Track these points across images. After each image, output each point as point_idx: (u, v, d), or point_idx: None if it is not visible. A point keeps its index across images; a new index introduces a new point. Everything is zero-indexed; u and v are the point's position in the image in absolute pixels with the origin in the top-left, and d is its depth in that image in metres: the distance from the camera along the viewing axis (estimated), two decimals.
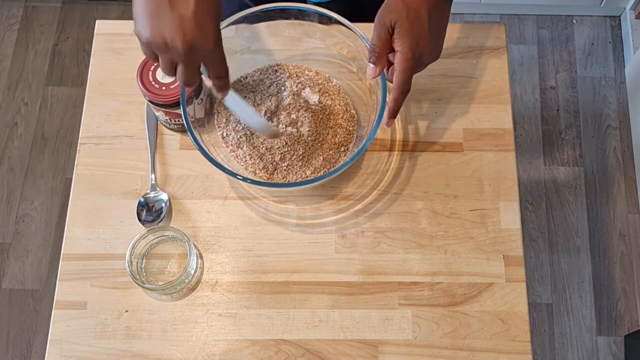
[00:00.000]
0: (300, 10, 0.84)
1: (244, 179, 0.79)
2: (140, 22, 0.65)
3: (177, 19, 0.64)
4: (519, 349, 0.81)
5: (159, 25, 0.64)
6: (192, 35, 0.65)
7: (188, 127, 0.79)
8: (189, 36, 0.64)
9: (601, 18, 2.06)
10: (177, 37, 0.64)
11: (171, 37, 0.64)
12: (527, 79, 1.99)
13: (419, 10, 0.73)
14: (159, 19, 0.64)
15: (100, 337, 0.82)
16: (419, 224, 0.87)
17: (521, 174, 1.87)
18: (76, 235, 0.86)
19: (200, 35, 0.65)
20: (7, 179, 1.88)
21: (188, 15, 0.64)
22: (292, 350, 0.81)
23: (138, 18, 0.65)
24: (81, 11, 2.08)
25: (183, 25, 0.64)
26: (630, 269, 1.78)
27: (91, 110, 0.93)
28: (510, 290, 0.84)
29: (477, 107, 0.93)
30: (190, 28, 0.64)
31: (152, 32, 0.65)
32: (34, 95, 1.98)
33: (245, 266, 0.85)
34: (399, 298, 0.83)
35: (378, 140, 0.91)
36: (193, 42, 0.65)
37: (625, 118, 1.93)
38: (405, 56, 0.75)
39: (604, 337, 1.71)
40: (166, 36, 0.64)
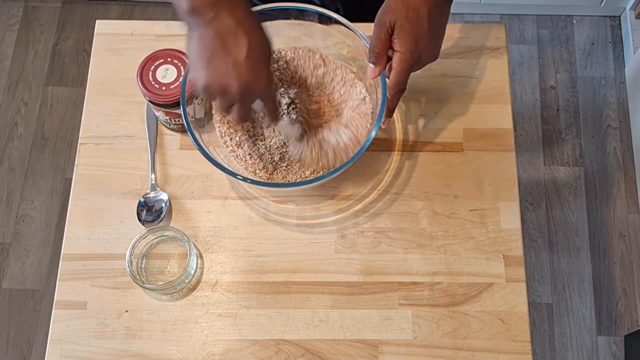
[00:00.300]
0: (300, 10, 0.84)
1: (244, 179, 0.79)
2: (196, 68, 0.68)
3: (231, 65, 0.67)
4: (519, 349, 0.81)
5: (215, 72, 0.67)
6: (246, 80, 0.68)
7: (188, 127, 0.79)
8: (245, 80, 0.68)
9: (601, 18, 2.06)
10: (233, 82, 0.67)
11: (227, 82, 0.68)
12: (527, 79, 1.98)
13: (418, 10, 0.73)
14: (215, 66, 0.67)
15: (100, 337, 0.82)
16: (419, 224, 0.87)
17: (521, 174, 1.87)
18: (76, 235, 0.86)
19: (253, 79, 0.69)
20: (7, 179, 1.88)
21: (242, 61, 0.67)
22: (292, 350, 0.81)
23: (194, 65, 0.69)
24: (81, 11, 2.08)
25: (238, 70, 0.67)
26: (630, 269, 1.78)
27: (91, 110, 0.93)
28: (510, 290, 0.84)
29: (477, 107, 0.93)
30: (243, 73, 0.68)
31: (209, 78, 0.68)
32: (34, 95, 1.97)
33: (245, 266, 0.85)
34: (399, 298, 0.83)
35: (378, 140, 0.91)
36: (247, 86, 0.68)
37: (625, 118, 1.93)
38: (404, 56, 0.75)
39: (604, 337, 1.71)
40: (222, 82, 0.68)
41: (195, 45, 0.68)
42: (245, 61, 0.67)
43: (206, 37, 0.67)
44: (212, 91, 0.69)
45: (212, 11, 0.67)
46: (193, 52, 0.69)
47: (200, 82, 0.69)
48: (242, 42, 0.67)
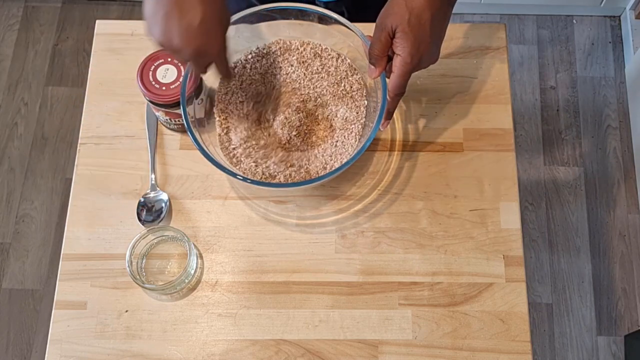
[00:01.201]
0: (300, 10, 0.84)
1: (244, 179, 0.79)
2: (151, 24, 0.69)
3: (185, 28, 0.67)
4: (519, 349, 0.81)
5: (169, 31, 0.68)
6: (199, 44, 0.69)
7: (188, 127, 0.79)
8: (197, 44, 0.69)
9: (601, 18, 2.06)
10: (186, 45, 0.68)
11: (180, 44, 0.68)
12: (527, 79, 1.98)
13: (421, 14, 0.72)
14: (169, 27, 0.68)
15: (100, 337, 0.82)
16: (419, 224, 0.87)
17: (521, 174, 1.87)
18: (76, 235, 0.86)
19: (207, 44, 0.69)
20: (7, 179, 1.88)
21: (195, 25, 0.67)
22: (292, 350, 0.81)
23: (149, 20, 0.69)
24: (81, 11, 2.08)
25: (191, 34, 0.68)
26: (630, 269, 1.78)
27: (91, 110, 0.93)
28: (510, 290, 0.84)
29: (477, 107, 0.93)
30: (197, 37, 0.68)
31: (162, 36, 0.68)
32: (34, 95, 1.97)
33: (245, 266, 0.85)
34: (399, 298, 0.83)
35: (378, 140, 0.91)
36: (200, 49, 0.69)
37: (625, 118, 1.93)
38: (405, 61, 0.74)
39: (604, 337, 1.71)
40: (175, 43, 0.68)
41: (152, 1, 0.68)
42: (200, 26, 0.67)
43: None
44: (165, 49, 0.70)
45: None
46: (148, 7, 0.68)
47: (154, 38, 0.69)
48: (198, 6, 0.67)
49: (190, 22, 0.67)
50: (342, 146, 0.85)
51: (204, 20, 0.68)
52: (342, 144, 0.85)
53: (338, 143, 0.86)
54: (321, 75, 0.88)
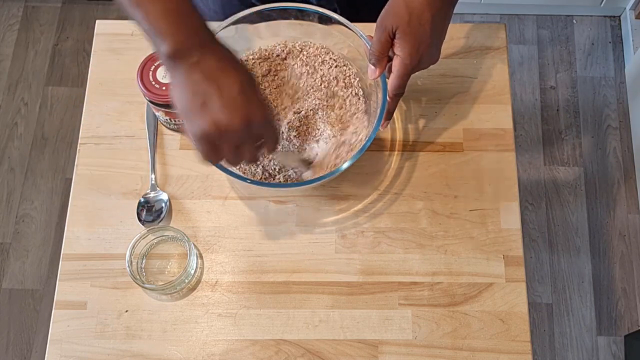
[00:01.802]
0: (300, 10, 0.84)
1: (244, 179, 0.79)
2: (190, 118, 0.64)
3: (228, 102, 0.63)
4: (519, 349, 0.81)
5: (213, 114, 0.63)
6: (246, 112, 0.64)
7: None
8: (244, 113, 0.64)
9: (601, 18, 2.06)
10: (234, 119, 0.63)
11: (228, 121, 0.63)
12: (527, 79, 1.98)
13: (422, 15, 0.72)
14: (211, 108, 0.63)
15: (100, 337, 0.82)
16: (419, 224, 0.87)
17: (521, 174, 1.87)
18: (76, 235, 0.86)
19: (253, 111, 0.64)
20: (7, 179, 1.88)
21: (236, 96, 0.63)
22: (292, 350, 0.81)
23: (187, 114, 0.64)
24: (81, 11, 2.08)
25: (235, 106, 0.63)
26: (630, 269, 1.78)
27: (91, 110, 0.93)
28: (510, 290, 0.84)
29: (477, 107, 0.93)
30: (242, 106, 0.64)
31: (207, 124, 0.63)
32: (34, 95, 1.97)
33: (245, 266, 0.85)
34: (399, 298, 0.83)
35: (378, 140, 0.91)
36: (248, 118, 0.64)
37: (625, 118, 1.93)
38: (404, 61, 0.74)
39: (604, 337, 1.71)
40: (222, 122, 0.63)
41: (184, 92, 0.64)
42: (241, 95, 0.64)
43: (194, 80, 0.63)
44: (213, 136, 0.64)
45: (196, 53, 0.63)
46: (182, 100, 0.64)
47: (199, 130, 0.64)
48: (232, 78, 0.64)
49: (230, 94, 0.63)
50: (342, 146, 0.85)
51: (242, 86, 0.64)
52: (342, 144, 0.85)
53: (338, 143, 0.86)
54: (322, 75, 0.88)
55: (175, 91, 0.65)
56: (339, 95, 0.87)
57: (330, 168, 0.83)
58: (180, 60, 0.63)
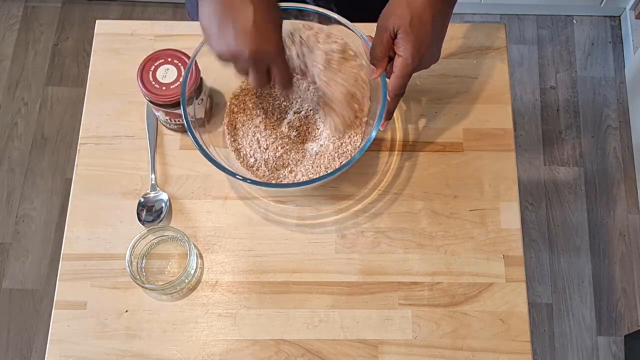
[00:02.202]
0: (300, 10, 0.84)
1: (244, 179, 0.79)
2: (209, 39, 0.71)
3: (240, 32, 0.69)
4: (519, 349, 0.81)
5: (225, 40, 0.69)
6: (255, 46, 0.69)
7: (188, 127, 0.79)
8: (253, 47, 0.69)
9: (601, 18, 2.06)
10: (243, 49, 0.69)
11: (237, 49, 0.69)
12: (527, 79, 1.98)
13: (422, 15, 0.72)
14: (224, 35, 0.69)
15: (100, 337, 0.82)
16: (419, 224, 0.87)
17: (521, 174, 1.87)
18: (76, 235, 0.86)
19: (262, 45, 0.70)
20: (7, 179, 1.88)
21: (249, 28, 0.69)
22: (292, 350, 0.81)
23: (206, 34, 0.71)
24: (81, 11, 2.08)
25: (245, 37, 0.69)
26: (630, 269, 1.78)
27: (91, 110, 0.93)
28: (510, 290, 0.84)
29: (477, 107, 0.93)
30: (252, 38, 0.69)
31: (221, 47, 0.70)
32: (34, 95, 1.97)
33: (245, 266, 0.85)
34: (399, 298, 0.83)
35: (378, 140, 0.91)
36: (257, 52, 0.70)
37: (625, 118, 1.93)
38: (406, 62, 0.74)
39: (604, 337, 1.71)
40: (233, 50, 0.69)
41: (206, 13, 0.70)
42: (253, 27, 0.69)
43: (214, 7, 0.69)
44: (225, 58, 0.71)
45: None
46: (204, 23, 0.71)
47: (215, 50, 0.71)
48: (248, 9, 0.69)
49: (244, 24, 0.69)
50: (342, 146, 0.85)
51: (257, 21, 0.69)
52: (342, 144, 0.85)
53: (338, 143, 0.86)
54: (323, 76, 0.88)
55: (202, 18, 0.71)
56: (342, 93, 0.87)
57: (329, 168, 0.83)
58: None
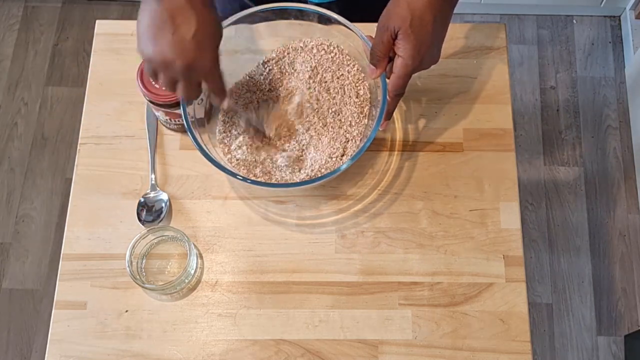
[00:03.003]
0: (300, 10, 0.84)
1: (244, 179, 0.79)
2: (142, 41, 0.69)
3: (178, 41, 0.67)
4: (519, 349, 0.81)
5: (161, 46, 0.67)
6: (191, 57, 0.68)
7: (188, 127, 0.79)
8: (189, 58, 0.68)
9: (601, 18, 2.06)
10: (177, 58, 0.67)
11: (172, 57, 0.67)
12: (527, 79, 1.98)
13: (423, 16, 0.72)
14: (161, 40, 0.67)
15: (100, 337, 0.82)
16: (419, 224, 0.87)
17: (521, 174, 1.87)
18: (76, 235, 0.86)
19: (199, 57, 0.69)
20: (7, 179, 1.88)
21: (188, 39, 0.67)
22: (292, 350, 0.81)
23: (141, 37, 0.69)
24: (81, 11, 2.08)
25: (183, 47, 0.67)
26: (630, 269, 1.78)
27: (91, 110, 0.93)
28: (510, 290, 0.84)
29: (477, 107, 0.93)
30: (190, 50, 0.68)
31: (153, 52, 0.68)
32: (34, 95, 1.97)
33: (245, 266, 0.85)
34: (399, 298, 0.83)
35: (378, 140, 0.91)
36: (192, 63, 0.68)
37: (625, 118, 1.93)
38: (406, 62, 0.74)
39: (604, 337, 1.71)
40: (167, 57, 0.68)
41: (146, 17, 0.68)
42: (192, 39, 0.67)
43: (157, 11, 0.67)
44: (155, 65, 0.69)
45: None
46: (142, 24, 0.69)
47: (144, 54, 0.69)
48: (191, 20, 0.67)
49: (183, 35, 0.67)
50: (342, 146, 0.85)
51: (197, 33, 0.68)
52: (342, 144, 0.85)
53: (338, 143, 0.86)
54: (324, 76, 0.88)
55: (139, 16, 0.69)
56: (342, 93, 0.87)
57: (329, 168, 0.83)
58: None
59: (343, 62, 0.88)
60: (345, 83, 0.87)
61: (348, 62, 0.88)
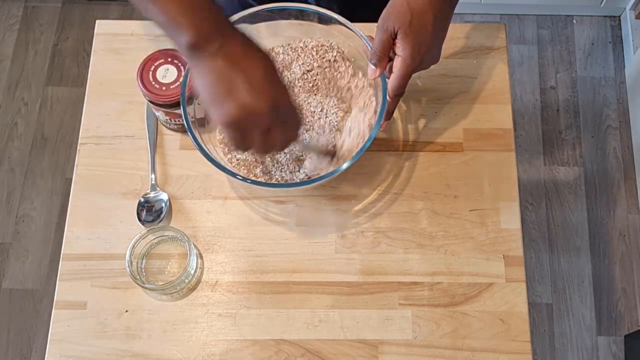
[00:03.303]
0: (300, 10, 0.84)
1: (244, 179, 0.79)
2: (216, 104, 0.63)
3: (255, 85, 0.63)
4: (519, 349, 0.81)
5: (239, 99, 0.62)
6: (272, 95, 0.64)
7: (188, 127, 0.79)
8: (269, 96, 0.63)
9: (601, 18, 2.06)
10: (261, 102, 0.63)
11: (255, 104, 0.62)
12: (527, 79, 1.98)
13: (423, 16, 0.72)
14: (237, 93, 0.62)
15: (100, 337, 0.82)
16: (419, 224, 0.87)
17: (521, 174, 1.87)
18: (76, 235, 0.86)
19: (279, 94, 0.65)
20: (7, 179, 1.88)
21: (262, 80, 0.63)
22: (292, 350, 0.81)
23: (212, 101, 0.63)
24: (81, 11, 2.08)
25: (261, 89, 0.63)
26: (630, 269, 1.78)
27: (91, 110, 0.93)
28: (510, 290, 0.84)
29: (477, 107, 0.93)
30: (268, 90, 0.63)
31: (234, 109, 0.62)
32: (34, 95, 1.97)
33: (245, 266, 0.85)
34: (399, 298, 0.83)
35: (378, 140, 0.91)
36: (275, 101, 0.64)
37: (625, 118, 1.93)
38: (406, 62, 0.74)
39: (604, 337, 1.71)
40: (250, 106, 0.62)
41: (208, 79, 0.63)
42: (266, 79, 0.63)
43: (218, 67, 0.62)
44: (242, 121, 0.63)
45: (218, 40, 0.62)
46: (206, 87, 0.63)
47: (227, 116, 0.63)
48: (256, 62, 0.64)
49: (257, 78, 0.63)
50: (342, 146, 0.85)
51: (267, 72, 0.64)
52: (341, 144, 0.85)
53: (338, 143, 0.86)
54: (324, 77, 0.88)
55: (199, 80, 0.64)
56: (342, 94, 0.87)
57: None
58: (202, 48, 0.62)
59: (342, 63, 0.88)
60: (345, 83, 0.87)
61: (347, 62, 0.88)
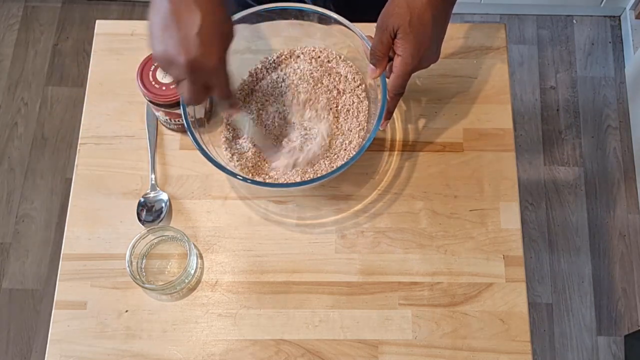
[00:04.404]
0: (300, 10, 0.84)
1: (244, 179, 0.79)
2: (151, 39, 0.68)
3: (182, 38, 0.66)
4: (519, 349, 0.81)
5: (166, 43, 0.66)
6: (193, 55, 0.66)
7: (188, 127, 0.79)
8: (192, 55, 0.66)
9: (601, 18, 2.06)
10: (180, 56, 0.66)
11: (174, 55, 0.66)
12: (527, 79, 1.99)
13: (423, 15, 0.72)
14: (167, 37, 0.66)
15: (100, 337, 0.82)
16: (419, 224, 0.87)
17: (521, 174, 1.87)
18: (76, 235, 0.86)
19: (201, 55, 0.67)
20: (7, 179, 1.88)
21: (191, 36, 0.66)
22: (292, 350, 0.81)
23: (149, 34, 0.68)
24: (81, 11, 2.08)
25: (187, 44, 0.66)
26: (630, 269, 1.78)
27: (91, 110, 0.93)
28: (510, 290, 0.84)
29: (477, 107, 0.93)
30: (193, 47, 0.66)
31: (158, 48, 0.67)
32: (34, 95, 1.98)
33: (245, 266, 0.85)
34: (399, 298, 0.83)
35: (378, 140, 0.91)
36: (194, 61, 0.66)
37: (625, 118, 1.93)
38: (405, 61, 0.74)
39: (604, 337, 1.71)
40: (170, 55, 0.66)
41: (154, 15, 0.67)
42: (196, 36, 0.66)
43: (163, 8, 0.66)
44: (160, 62, 0.68)
45: None
46: (151, 22, 0.68)
47: (153, 52, 0.68)
48: (195, 16, 0.66)
49: (188, 32, 0.66)
50: (342, 146, 0.85)
51: (202, 30, 0.66)
52: (342, 144, 0.85)
53: (338, 143, 0.86)
54: (323, 77, 0.88)
55: (150, 12, 0.68)
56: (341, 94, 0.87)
57: (329, 168, 0.83)
58: None
59: (342, 64, 0.88)
60: (345, 84, 0.87)
61: (347, 64, 0.88)
